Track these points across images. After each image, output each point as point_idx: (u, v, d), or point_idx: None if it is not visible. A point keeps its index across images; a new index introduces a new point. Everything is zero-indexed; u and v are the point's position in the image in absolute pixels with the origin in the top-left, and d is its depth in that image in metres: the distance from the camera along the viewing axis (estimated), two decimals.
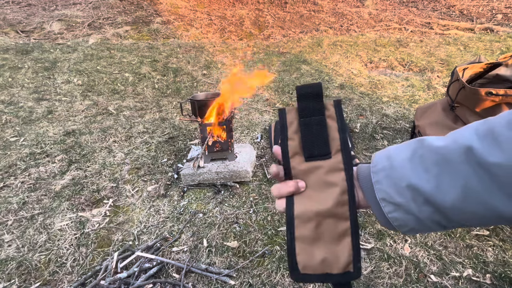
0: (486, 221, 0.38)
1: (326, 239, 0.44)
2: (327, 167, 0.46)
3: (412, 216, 0.40)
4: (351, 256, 0.44)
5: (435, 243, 1.45)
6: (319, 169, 0.46)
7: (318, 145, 0.46)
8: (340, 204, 0.44)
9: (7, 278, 1.33)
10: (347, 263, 0.44)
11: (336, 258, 0.44)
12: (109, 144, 2.26)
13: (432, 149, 0.39)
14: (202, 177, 1.80)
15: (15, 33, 4.80)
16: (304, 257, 0.44)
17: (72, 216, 1.64)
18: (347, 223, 0.44)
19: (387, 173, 0.41)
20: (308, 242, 0.45)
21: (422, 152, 0.40)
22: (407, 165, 0.40)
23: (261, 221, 1.59)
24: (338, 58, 3.94)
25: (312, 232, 0.44)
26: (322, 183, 0.46)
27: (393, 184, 0.40)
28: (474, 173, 0.35)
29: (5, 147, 2.24)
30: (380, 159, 0.43)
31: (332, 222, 0.44)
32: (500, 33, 4.70)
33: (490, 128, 0.35)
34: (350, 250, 0.44)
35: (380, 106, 2.75)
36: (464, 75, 1.76)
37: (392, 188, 0.40)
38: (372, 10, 6.07)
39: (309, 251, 0.44)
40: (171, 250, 1.44)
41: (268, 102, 2.88)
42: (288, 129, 0.47)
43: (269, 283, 1.28)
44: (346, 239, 0.44)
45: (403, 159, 0.41)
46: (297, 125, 0.47)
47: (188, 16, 5.65)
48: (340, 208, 0.44)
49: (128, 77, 3.43)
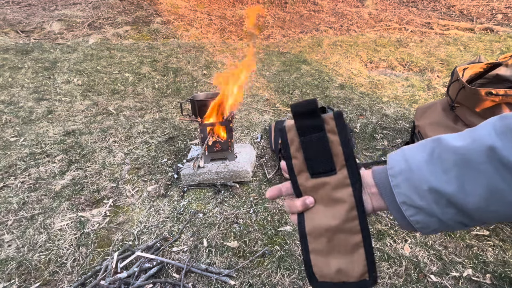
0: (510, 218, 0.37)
1: (339, 251, 0.45)
2: (333, 184, 0.46)
3: (435, 218, 0.39)
4: (365, 266, 0.44)
5: (435, 243, 1.45)
6: (326, 186, 0.46)
7: (322, 162, 0.46)
8: (349, 220, 0.45)
9: (7, 278, 1.33)
10: (363, 272, 0.44)
11: (351, 268, 0.45)
12: (109, 144, 2.26)
13: (450, 149, 0.38)
14: (202, 177, 1.80)
15: (15, 33, 4.80)
16: (320, 268, 0.46)
17: (72, 216, 1.64)
18: (359, 236, 0.45)
19: (406, 176, 0.40)
20: (322, 255, 0.46)
21: (439, 153, 0.39)
22: (425, 167, 0.39)
23: (261, 221, 1.59)
24: (338, 58, 3.94)
25: (325, 246, 0.45)
26: (330, 199, 0.46)
27: (413, 188, 0.39)
28: (497, 173, 0.34)
29: (5, 147, 2.24)
30: (397, 162, 0.42)
31: (343, 236, 0.45)
32: (500, 33, 4.70)
33: (508, 125, 0.34)
34: (364, 260, 0.44)
35: (380, 106, 2.75)
36: (464, 75, 1.76)
37: (413, 191, 0.39)
38: (372, 10, 6.07)
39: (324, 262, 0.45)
40: (171, 250, 1.44)
41: (268, 102, 2.88)
42: (290, 148, 0.47)
43: (269, 283, 1.28)
44: (359, 250, 0.44)
45: (421, 160, 0.40)
46: (298, 143, 0.47)
47: (188, 16, 5.65)
48: (350, 223, 0.45)
49: (128, 77, 3.43)
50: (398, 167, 0.41)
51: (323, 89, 3.12)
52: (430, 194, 0.38)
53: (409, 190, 0.40)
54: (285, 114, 2.65)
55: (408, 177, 0.40)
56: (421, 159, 0.40)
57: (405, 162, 0.41)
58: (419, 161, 0.40)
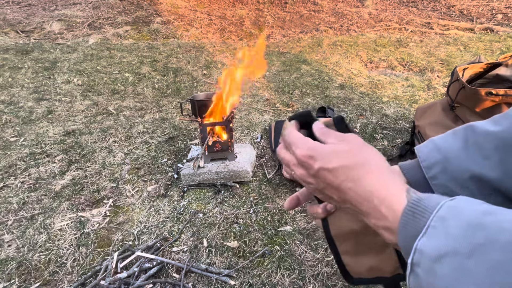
0: None
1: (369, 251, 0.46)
2: None
3: None
4: (397, 262, 0.45)
5: None
6: None
7: None
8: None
9: (7, 278, 1.33)
10: (395, 268, 0.45)
11: (383, 265, 0.45)
12: (109, 144, 2.26)
13: (488, 135, 0.36)
14: (202, 177, 1.80)
15: (15, 33, 4.80)
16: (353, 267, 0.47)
17: (72, 216, 1.64)
18: None
19: (443, 166, 0.38)
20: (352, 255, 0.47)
21: (475, 139, 0.36)
22: (463, 155, 0.37)
23: (261, 221, 1.59)
24: (338, 58, 3.94)
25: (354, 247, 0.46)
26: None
27: (452, 178, 0.37)
28: None
29: (5, 147, 2.24)
30: (429, 153, 0.39)
31: (369, 238, 0.45)
32: (500, 33, 4.70)
33: None
34: (395, 257, 0.45)
35: (380, 106, 2.75)
36: (464, 75, 1.76)
37: (452, 181, 0.37)
38: (372, 10, 6.07)
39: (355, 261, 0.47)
40: (171, 250, 1.44)
41: (268, 102, 2.88)
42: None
43: (269, 283, 1.28)
44: (388, 249, 0.45)
45: (456, 149, 0.37)
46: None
47: (188, 16, 5.65)
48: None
49: (128, 77, 3.43)
50: (433, 159, 0.39)
51: (323, 89, 3.12)
52: (472, 183, 0.36)
53: (448, 180, 0.37)
54: (285, 114, 2.65)
55: (445, 167, 0.38)
56: (456, 147, 0.37)
57: (438, 152, 0.39)
58: (454, 149, 0.37)
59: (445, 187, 0.38)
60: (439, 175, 0.38)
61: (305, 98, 2.93)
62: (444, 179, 0.38)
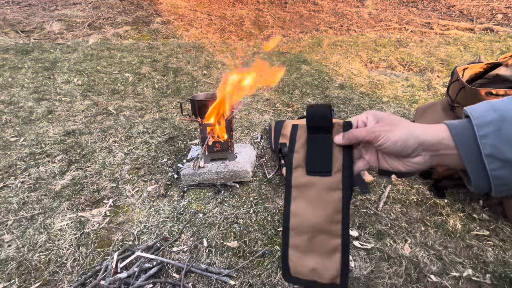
0: None
1: (318, 251, 0.46)
2: (327, 184, 0.47)
3: None
4: (339, 271, 0.46)
5: (435, 243, 1.45)
6: (318, 185, 0.47)
7: (321, 162, 0.48)
8: (333, 222, 0.46)
9: (7, 278, 1.33)
10: (335, 276, 0.46)
11: (325, 270, 0.46)
12: (109, 144, 2.26)
13: None
14: (202, 177, 1.80)
15: (15, 33, 4.79)
16: (296, 263, 0.47)
17: (72, 216, 1.64)
18: (339, 241, 0.46)
19: (498, 126, 0.37)
20: (300, 251, 0.47)
21: None
22: None
23: (261, 221, 1.59)
24: (338, 58, 3.94)
25: (306, 243, 0.47)
26: (319, 199, 0.47)
27: (505, 138, 0.36)
28: None
29: (5, 147, 2.24)
30: (485, 111, 0.39)
31: (324, 237, 0.46)
32: (500, 33, 4.70)
33: None
34: (339, 265, 0.46)
35: (380, 106, 2.75)
36: (464, 75, 1.76)
37: (505, 142, 0.36)
38: (372, 10, 6.07)
39: (301, 259, 0.47)
40: (171, 250, 1.44)
41: (268, 102, 2.88)
42: (296, 143, 0.49)
43: (269, 283, 1.28)
44: (336, 254, 0.46)
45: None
46: (305, 139, 0.49)
47: (188, 16, 5.65)
48: (333, 226, 0.46)
49: (128, 77, 3.43)
50: (489, 117, 0.38)
51: (323, 89, 3.12)
52: None
53: (500, 141, 0.36)
54: (285, 114, 2.65)
55: (500, 127, 0.37)
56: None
57: (494, 111, 0.38)
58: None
59: (494, 147, 0.37)
60: (491, 134, 0.37)
61: (305, 98, 2.93)
62: (495, 139, 0.37)
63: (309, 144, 0.49)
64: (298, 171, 0.48)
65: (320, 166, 0.48)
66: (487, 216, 1.59)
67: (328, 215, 0.46)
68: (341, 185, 0.47)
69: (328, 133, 0.48)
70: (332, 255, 0.46)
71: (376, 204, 1.68)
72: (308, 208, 0.47)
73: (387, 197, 1.72)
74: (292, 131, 0.51)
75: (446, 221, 1.56)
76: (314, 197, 0.47)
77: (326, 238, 0.46)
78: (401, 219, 1.58)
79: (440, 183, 1.73)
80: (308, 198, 0.47)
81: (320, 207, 0.47)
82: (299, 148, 0.49)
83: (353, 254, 1.39)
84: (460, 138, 0.40)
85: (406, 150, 0.43)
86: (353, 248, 1.43)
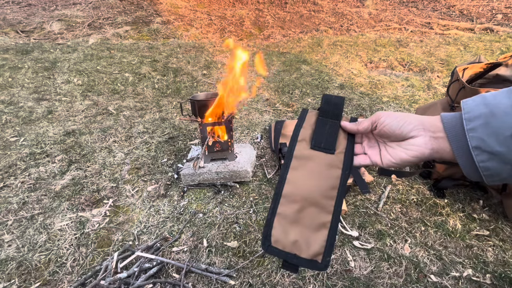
0: None
1: (305, 224, 0.45)
2: (328, 160, 0.49)
3: (510, 166, 0.38)
4: (323, 248, 0.45)
5: (435, 243, 1.45)
6: (320, 159, 0.49)
7: (326, 140, 0.50)
8: (328, 197, 0.46)
9: (7, 278, 1.33)
10: (317, 253, 0.45)
11: (309, 244, 0.45)
12: (109, 144, 2.26)
13: None
14: (202, 177, 1.80)
15: (15, 33, 4.80)
16: (279, 233, 0.45)
17: (72, 216, 1.64)
18: (329, 217, 0.46)
19: (486, 121, 0.39)
20: (287, 221, 0.46)
21: None
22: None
23: (261, 221, 1.59)
24: (338, 58, 3.94)
25: (294, 213, 0.46)
26: (318, 173, 0.48)
27: (492, 132, 0.38)
28: None
29: (5, 147, 2.24)
30: (476, 106, 0.40)
31: (315, 211, 0.46)
32: (500, 33, 4.70)
33: None
34: (324, 242, 0.45)
35: (380, 106, 2.75)
36: (464, 75, 1.76)
37: (491, 136, 0.38)
38: (372, 10, 6.07)
39: (285, 229, 0.46)
40: (171, 250, 1.44)
41: (268, 102, 2.88)
42: (305, 121, 0.52)
43: (269, 283, 1.28)
44: (323, 231, 0.45)
45: (507, 106, 0.38)
46: (314, 121, 0.52)
47: (188, 16, 5.65)
48: (327, 201, 0.46)
49: (128, 77, 3.43)
50: (478, 111, 0.40)
51: (323, 89, 3.12)
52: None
53: (487, 134, 0.38)
54: (285, 114, 2.65)
55: (488, 121, 0.38)
56: (507, 104, 0.38)
57: (485, 106, 0.39)
58: (504, 106, 0.38)
59: (481, 140, 0.39)
60: (479, 128, 0.39)
61: (305, 98, 2.93)
62: (483, 133, 0.39)
63: (318, 124, 0.51)
64: (302, 144, 0.50)
65: (325, 144, 0.49)
66: (487, 216, 1.59)
67: (324, 189, 0.46)
68: (342, 165, 0.48)
69: (337, 120, 0.51)
70: (318, 230, 0.45)
71: (376, 204, 1.68)
72: (306, 179, 0.47)
73: (387, 197, 1.72)
74: (302, 112, 0.53)
75: (446, 221, 1.56)
76: (314, 170, 0.48)
77: (317, 212, 0.45)
78: (401, 219, 1.58)
79: (440, 183, 1.73)
80: (307, 170, 0.48)
81: (317, 180, 0.47)
82: (307, 126, 0.51)
83: (353, 254, 1.39)
84: (450, 130, 0.42)
85: (407, 126, 0.45)
86: (353, 248, 1.43)
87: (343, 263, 1.36)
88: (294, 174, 0.47)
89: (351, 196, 1.73)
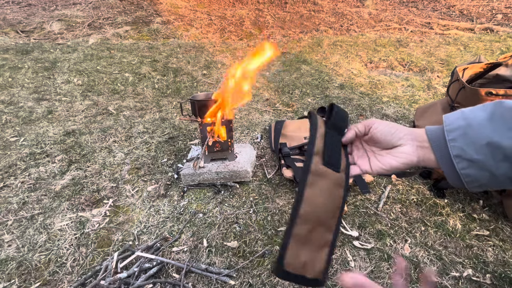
0: None
1: (313, 244, 0.45)
2: (335, 179, 0.48)
3: (487, 172, 0.42)
4: (325, 264, 0.45)
5: (435, 243, 1.45)
6: (330, 177, 0.48)
7: (334, 157, 0.50)
8: (334, 217, 0.47)
9: (7, 278, 1.33)
10: (320, 271, 0.45)
11: (313, 264, 0.45)
12: (109, 144, 2.26)
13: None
14: (202, 177, 1.80)
15: (15, 33, 4.80)
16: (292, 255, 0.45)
17: (72, 216, 1.64)
18: (331, 235, 0.46)
19: (464, 131, 0.43)
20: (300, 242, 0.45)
21: (502, 113, 0.41)
22: (487, 124, 0.42)
23: (261, 221, 1.59)
24: (338, 58, 3.94)
25: (306, 234, 0.45)
26: (328, 192, 0.47)
27: (470, 142, 0.42)
28: None
29: (5, 147, 2.24)
30: (455, 119, 0.45)
31: (322, 230, 0.46)
32: (500, 33, 4.70)
33: None
34: (326, 260, 0.46)
35: (380, 106, 2.75)
36: (464, 75, 1.76)
37: (469, 145, 0.42)
38: (372, 10, 6.07)
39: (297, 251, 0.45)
40: (171, 250, 1.44)
41: (268, 102, 2.88)
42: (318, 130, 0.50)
43: (269, 283, 1.28)
44: (325, 249, 0.46)
45: (482, 119, 0.43)
46: (323, 133, 0.51)
47: (188, 16, 5.65)
48: (332, 220, 0.47)
49: (128, 77, 3.43)
50: (457, 124, 0.44)
51: (323, 89, 3.12)
52: (488, 148, 0.41)
53: (466, 144, 0.43)
54: (285, 114, 2.65)
55: (466, 132, 0.43)
56: (482, 117, 0.43)
57: (464, 119, 0.44)
58: (480, 119, 0.43)
59: (461, 149, 0.43)
60: (458, 138, 0.43)
61: (305, 98, 2.93)
62: (462, 142, 0.43)
63: (328, 138, 0.50)
64: (316, 158, 0.48)
65: (334, 161, 0.49)
66: (487, 216, 1.59)
67: (330, 209, 0.46)
68: (344, 184, 0.48)
69: (340, 135, 0.52)
70: (322, 249, 0.45)
71: (376, 204, 1.68)
72: (320, 197, 0.46)
73: (387, 197, 1.72)
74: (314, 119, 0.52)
75: (446, 221, 1.56)
76: (325, 188, 0.47)
77: (323, 231, 0.45)
78: (401, 219, 1.58)
79: (440, 183, 1.73)
80: (319, 188, 0.47)
81: (327, 199, 0.47)
82: (319, 137, 0.50)
83: (353, 254, 1.39)
84: (434, 140, 0.47)
85: (398, 134, 0.49)
86: (353, 248, 1.43)
87: (343, 263, 1.36)
88: (310, 192, 0.46)
89: (351, 196, 1.73)
